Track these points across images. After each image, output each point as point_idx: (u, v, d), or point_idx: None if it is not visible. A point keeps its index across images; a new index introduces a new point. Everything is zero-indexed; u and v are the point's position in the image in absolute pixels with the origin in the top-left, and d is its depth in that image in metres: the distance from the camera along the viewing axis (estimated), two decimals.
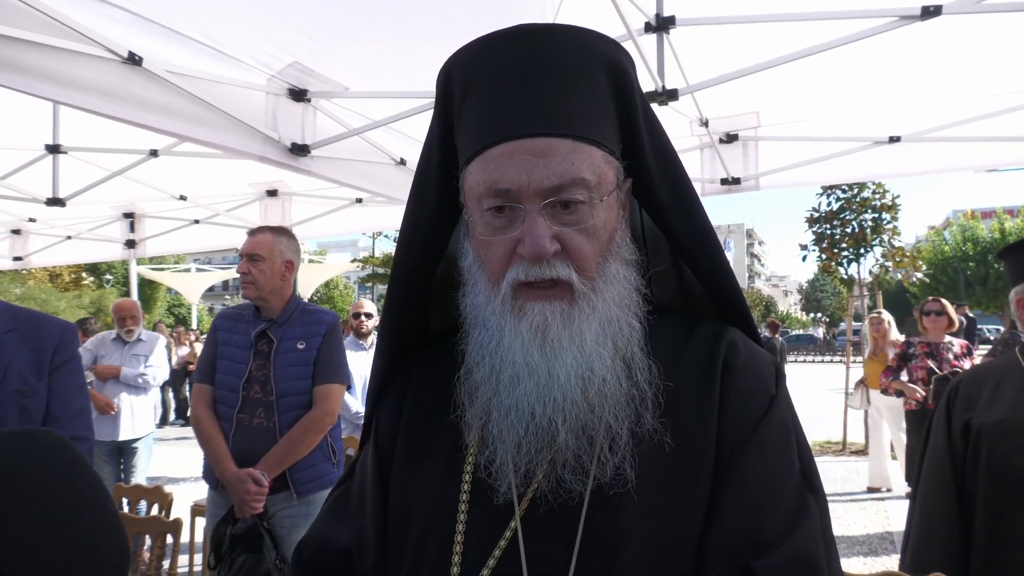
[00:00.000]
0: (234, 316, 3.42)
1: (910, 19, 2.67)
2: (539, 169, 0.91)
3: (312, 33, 3.01)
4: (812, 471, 0.97)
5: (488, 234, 0.96)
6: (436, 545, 0.96)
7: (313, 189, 5.56)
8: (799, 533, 0.89)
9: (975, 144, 4.18)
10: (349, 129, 3.59)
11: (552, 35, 0.96)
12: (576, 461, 0.92)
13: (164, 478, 9.16)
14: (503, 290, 0.95)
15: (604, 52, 0.99)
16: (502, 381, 0.95)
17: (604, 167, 0.96)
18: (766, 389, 1.00)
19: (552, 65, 0.94)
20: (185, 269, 20.44)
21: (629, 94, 1.00)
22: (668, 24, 2.85)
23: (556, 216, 0.93)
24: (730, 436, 0.95)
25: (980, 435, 2.38)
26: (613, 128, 0.99)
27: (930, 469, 2.54)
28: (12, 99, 3.21)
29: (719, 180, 4.59)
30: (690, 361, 1.01)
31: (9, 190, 4.95)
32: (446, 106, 1.03)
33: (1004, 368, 2.51)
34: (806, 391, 19.84)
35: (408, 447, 1.07)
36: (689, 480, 0.93)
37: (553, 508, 0.92)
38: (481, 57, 0.98)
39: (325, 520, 1.13)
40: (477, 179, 0.95)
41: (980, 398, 2.47)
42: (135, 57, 2.62)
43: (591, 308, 0.94)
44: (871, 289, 11.18)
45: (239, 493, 3.04)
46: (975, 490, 2.37)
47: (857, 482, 8.43)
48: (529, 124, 0.92)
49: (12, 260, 7.16)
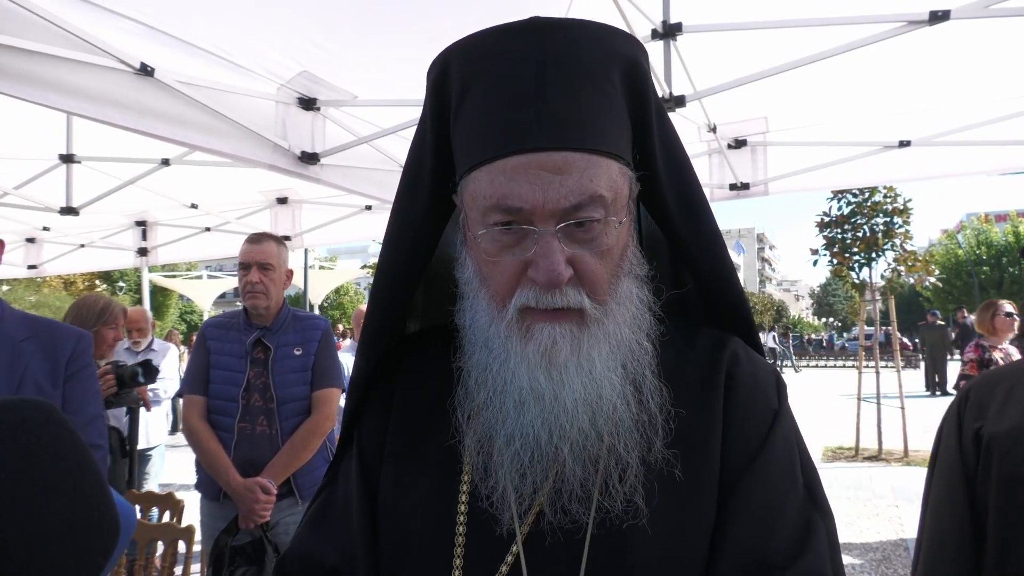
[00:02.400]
0: (224, 325, 3.37)
1: (918, 24, 2.67)
2: (555, 187, 0.83)
3: (321, 42, 3.03)
4: (816, 487, 0.94)
5: (495, 253, 0.88)
6: (432, 572, 0.92)
7: (323, 197, 5.59)
8: (808, 554, 0.86)
9: (987, 148, 4.15)
10: (358, 137, 3.61)
11: (566, 32, 0.87)
12: (582, 490, 0.88)
13: (175, 485, 9.19)
14: (510, 313, 0.89)
15: (621, 49, 0.91)
16: (506, 406, 0.90)
17: (620, 181, 0.89)
18: (769, 403, 0.96)
19: (566, 67, 0.86)
20: (197, 276, 20.58)
21: (644, 94, 0.93)
22: (675, 31, 2.85)
23: (570, 236, 0.86)
24: (735, 455, 0.91)
25: (991, 444, 2.36)
26: (627, 134, 0.92)
27: (941, 479, 2.52)
28: (26, 110, 3.25)
29: (728, 185, 4.58)
30: (691, 375, 0.96)
31: (23, 199, 5.01)
32: (440, 100, 0.94)
33: (1015, 373, 2.48)
34: (819, 396, 19.71)
35: (397, 461, 1.00)
36: (695, 502, 0.89)
37: (557, 538, 0.88)
38: (486, 51, 0.89)
39: (308, 534, 1.05)
40: (484, 191, 0.87)
41: (991, 405, 2.45)
42: (147, 68, 2.65)
43: (602, 331, 0.89)
44: (883, 293, 11.11)
45: (247, 503, 3.04)
46: (987, 500, 2.35)
47: (870, 488, 8.36)
48: (545, 136, 0.84)
49: (27, 268, 7.23)
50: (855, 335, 31.08)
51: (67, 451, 0.88)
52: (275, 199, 5.81)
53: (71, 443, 0.89)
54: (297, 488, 3.20)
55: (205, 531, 3.27)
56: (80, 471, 0.88)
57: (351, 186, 3.89)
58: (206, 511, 3.31)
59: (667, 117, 1.00)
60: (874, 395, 10.04)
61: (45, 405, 0.90)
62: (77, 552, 0.85)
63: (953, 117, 4.01)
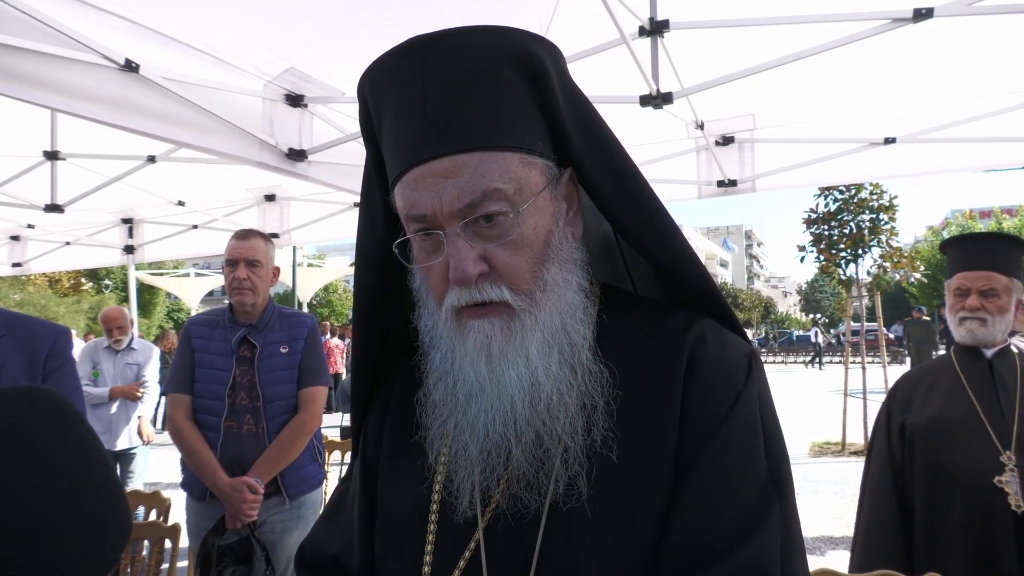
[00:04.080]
0: (209, 323, 3.34)
1: (903, 21, 2.69)
2: (448, 190, 0.88)
3: (308, 39, 3.02)
4: (781, 471, 0.93)
5: (423, 259, 0.95)
6: (409, 560, 0.98)
7: (311, 194, 5.57)
8: (755, 540, 0.85)
9: (971, 145, 4.19)
10: (346, 134, 3.60)
11: (445, 43, 0.91)
12: (533, 477, 0.92)
13: (161, 483, 9.15)
14: (444, 314, 0.95)
15: (509, 46, 0.92)
16: (459, 400, 0.95)
17: (523, 171, 0.91)
18: (732, 385, 0.94)
19: (450, 76, 0.90)
20: (184, 274, 20.45)
21: (546, 82, 0.93)
22: (662, 28, 2.86)
23: (479, 233, 0.90)
24: (691, 438, 0.91)
25: (914, 434, 2.46)
26: (535, 124, 0.93)
27: (873, 470, 2.63)
28: (10, 107, 3.22)
29: (715, 182, 4.60)
30: (653, 358, 0.96)
31: (8, 197, 4.96)
32: (368, 126, 1.01)
33: (939, 368, 2.58)
34: (806, 392, 19.85)
35: (389, 459, 1.09)
36: (643, 488, 0.90)
37: (511, 524, 0.92)
38: (382, 77, 0.95)
39: (322, 524, 1.17)
40: (400, 204, 0.94)
41: (915, 399, 2.55)
42: (132, 64, 2.63)
43: (533, 320, 0.92)
44: (870, 290, 11.19)
45: (234, 503, 3.02)
46: (913, 489, 2.44)
47: (857, 482, 8.42)
48: (433, 145, 0.89)
49: (11, 266, 7.16)
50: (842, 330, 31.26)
51: (74, 442, 0.88)
52: (263, 196, 5.77)
53: (79, 435, 0.89)
54: (284, 487, 3.18)
55: (191, 531, 3.25)
56: (88, 462, 0.88)
57: (339, 183, 3.87)
58: (192, 511, 3.28)
59: (584, 102, 1.00)
60: (860, 391, 10.13)
61: (54, 394, 0.89)
62: (82, 543, 0.84)
63: (938, 114, 4.04)
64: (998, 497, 2.23)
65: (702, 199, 4.73)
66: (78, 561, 0.83)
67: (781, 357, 40.25)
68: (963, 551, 2.27)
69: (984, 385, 2.42)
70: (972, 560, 2.25)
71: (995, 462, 2.27)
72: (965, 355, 2.51)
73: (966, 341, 2.48)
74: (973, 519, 2.26)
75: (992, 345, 2.47)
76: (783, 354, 41.52)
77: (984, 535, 2.24)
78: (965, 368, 2.48)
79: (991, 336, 2.44)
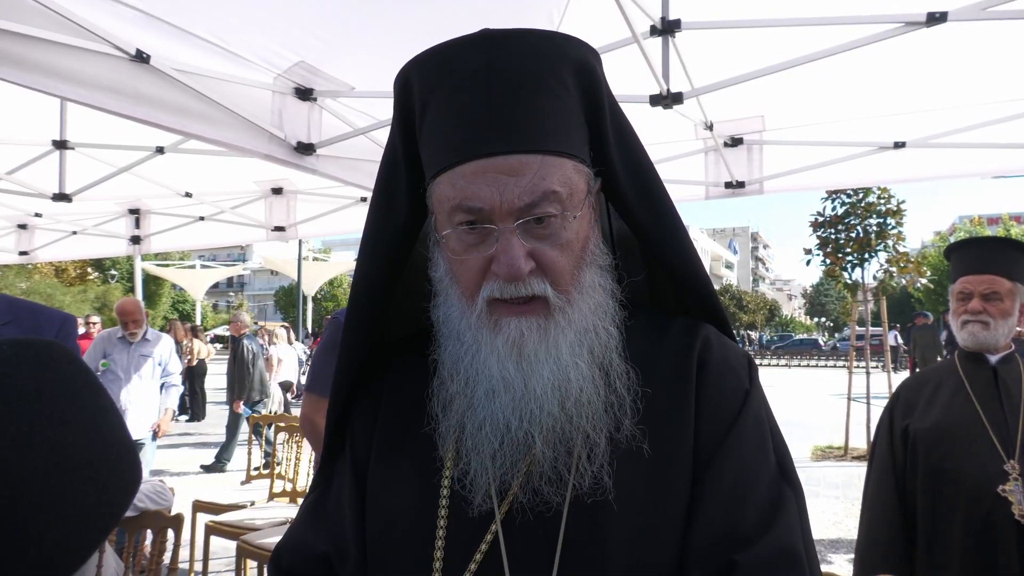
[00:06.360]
0: None
1: (916, 25, 2.67)
2: (511, 188, 0.90)
3: (318, 33, 3.02)
4: (788, 463, 1.00)
5: (461, 251, 0.95)
6: (416, 554, 0.97)
7: (318, 188, 5.57)
8: (779, 526, 0.91)
9: (981, 150, 4.17)
10: (354, 128, 3.60)
11: (514, 41, 0.94)
12: (553, 472, 0.94)
13: (166, 473, 9.19)
14: (478, 306, 0.95)
15: (570, 54, 0.96)
16: (476, 394, 0.96)
17: (575, 177, 0.95)
18: (740, 385, 1.02)
19: (518, 74, 0.92)
20: (190, 266, 20.53)
21: (597, 94, 0.98)
22: (674, 27, 2.85)
23: (530, 231, 0.93)
24: (707, 434, 0.97)
25: (917, 440, 2.45)
26: (583, 133, 0.98)
27: (875, 475, 2.62)
28: (19, 95, 3.23)
29: (723, 183, 4.58)
30: (665, 361, 1.02)
31: (16, 185, 4.97)
32: (406, 113, 1.01)
33: (942, 373, 2.57)
34: (809, 396, 19.80)
35: (383, 456, 1.06)
36: (668, 481, 0.94)
37: (530, 518, 0.93)
38: (441, 66, 0.95)
39: (301, 527, 1.12)
40: (447, 194, 0.94)
41: (918, 404, 2.54)
42: (143, 55, 2.63)
43: (567, 320, 0.95)
44: (875, 294, 11.15)
45: None
46: (915, 494, 2.44)
47: (859, 487, 8.41)
48: (498, 142, 0.90)
49: (18, 255, 7.18)
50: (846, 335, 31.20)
51: (82, 388, 0.88)
52: (270, 189, 5.77)
53: (86, 382, 0.90)
54: None
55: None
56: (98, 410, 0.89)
57: (347, 177, 3.87)
58: None
59: (621, 112, 1.05)
60: (864, 395, 10.10)
61: (57, 344, 0.90)
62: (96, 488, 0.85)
63: (948, 119, 4.02)
64: (1001, 505, 2.22)
65: (709, 200, 4.72)
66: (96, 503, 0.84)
67: (785, 360, 40.14)
68: (964, 558, 2.26)
69: (988, 392, 2.41)
70: (973, 567, 2.24)
71: (998, 470, 2.26)
72: (969, 361, 2.50)
73: (969, 345, 2.47)
74: (975, 527, 2.25)
75: (996, 351, 2.45)
76: (787, 357, 41.41)
77: (986, 543, 2.23)
78: (969, 374, 2.47)
79: (994, 340, 2.42)
